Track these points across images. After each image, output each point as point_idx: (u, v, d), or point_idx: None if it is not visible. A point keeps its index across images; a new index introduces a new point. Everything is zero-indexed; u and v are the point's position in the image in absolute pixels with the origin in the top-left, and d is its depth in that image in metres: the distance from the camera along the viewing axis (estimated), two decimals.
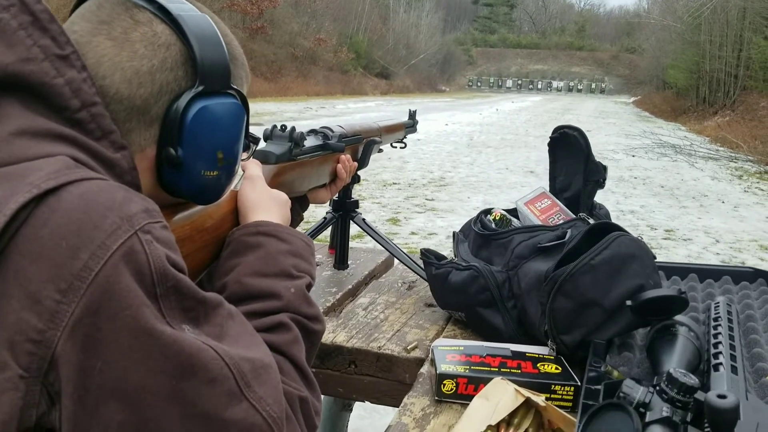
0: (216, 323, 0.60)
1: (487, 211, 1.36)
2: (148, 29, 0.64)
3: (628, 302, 0.98)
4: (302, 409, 0.65)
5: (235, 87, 0.71)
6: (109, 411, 0.52)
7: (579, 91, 55.65)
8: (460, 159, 10.31)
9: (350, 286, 1.45)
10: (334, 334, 1.21)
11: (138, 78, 0.63)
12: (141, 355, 0.52)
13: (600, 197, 1.35)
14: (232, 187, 0.78)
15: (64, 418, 0.52)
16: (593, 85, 56.36)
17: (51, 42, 0.58)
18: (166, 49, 0.65)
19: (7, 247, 0.50)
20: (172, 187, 0.69)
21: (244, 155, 0.79)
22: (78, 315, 0.50)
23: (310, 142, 1.07)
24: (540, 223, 1.27)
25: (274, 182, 0.94)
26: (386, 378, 1.15)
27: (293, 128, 1.00)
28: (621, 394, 0.76)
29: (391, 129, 1.46)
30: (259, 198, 0.81)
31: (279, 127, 1.00)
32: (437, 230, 5.65)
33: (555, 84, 57.68)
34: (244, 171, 0.86)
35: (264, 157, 0.95)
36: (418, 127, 1.62)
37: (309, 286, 0.76)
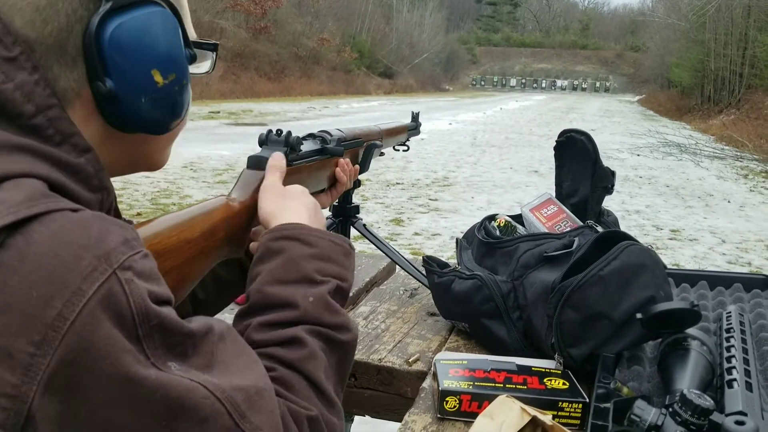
0: (205, 352, 0.55)
1: (492, 218, 1.32)
2: None
3: (639, 315, 0.95)
4: (312, 428, 0.61)
5: None
6: None
7: (583, 89, 55.55)
8: (463, 159, 10.27)
9: (351, 294, 1.41)
10: None
11: (40, 15, 0.56)
12: (127, 402, 0.48)
13: (605, 197, 1.31)
14: (186, 108, 0.69)
15: None
16: (597, 84, 56.27)
17: None
18: None
19: None
20: (119, 123, 0.62)
21: (197, 68, 0.71)
22: (54, 367, 0.46)
23: (307, 146, 1.04)
24: (546, 230, 1.24)
25: None
26: (387, 392, 1.12)
27: (289, 133, 0.97)
28: (632, 416, 0.72)
29: (392, 132, 1.42)
30: (276, 207, 0.78)
31: (274, 132, 0.97)
32: (441, 231, 5.61)
33: (559, 83, 57.60)
34: (263, 179, 0.83)
35: (258, 163, 0.92)
36: (421, 128, 1.58)
37: (338, 290, 0.71)
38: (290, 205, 0.79)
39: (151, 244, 0.66)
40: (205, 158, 8.81)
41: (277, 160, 0.86)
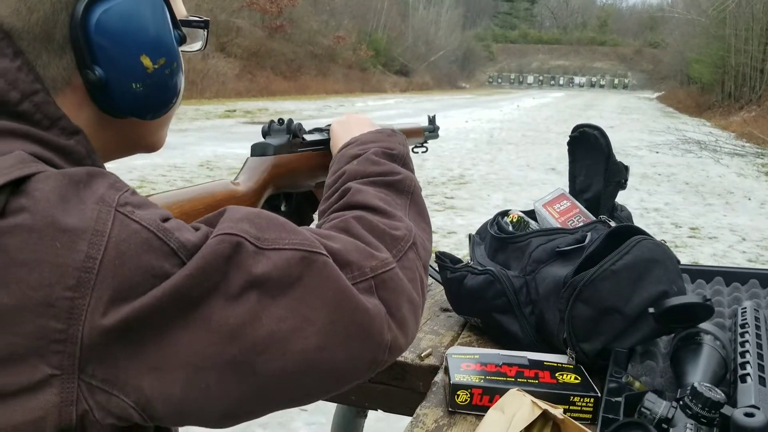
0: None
1: (504, 213, 1.32)
2: None
3: (651, 309, 0.94)
4: (360, 222, 0.64)
5: None
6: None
7: (601, 86, 55.12)
8: (480, 156, 10.25)
9: None
10: None
11: (25, 4, 0.56)
12: (180, 314, 0.51)
13: (624, 195, 1.31)
14: (180, 92, 0.68)
15: (150, 399, 0.50)
16: (616, 81, 55.79)
17: None
18: None
19: None
20: (111, 109, 0.62)
21: (189, 47, 0.71)
22: (94, 304, 0.48)
23: (314, 136, 1.06)
24: (559, 225, 1.23)
25: (273, 172, 0.92)
26: (399, 386, 1.12)
27: (290, 120, 0.98)
28: (643, 409, 0.72)
29: (407, 133, 1.42)
30: (338, 130, 0.90)
31: (276, 122, 0.99)
32: (457, 229, 5.60)
33: (577, 80, 57.20)
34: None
35: (262, 150, 0.94)
36: (437, 125, 1.58)
37: (379, 152, 0.77)
38: (347, 128, 0.89)
39: None
40: (221, 157, 8.87)
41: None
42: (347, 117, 0.94)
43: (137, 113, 0.64)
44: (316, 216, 1.07)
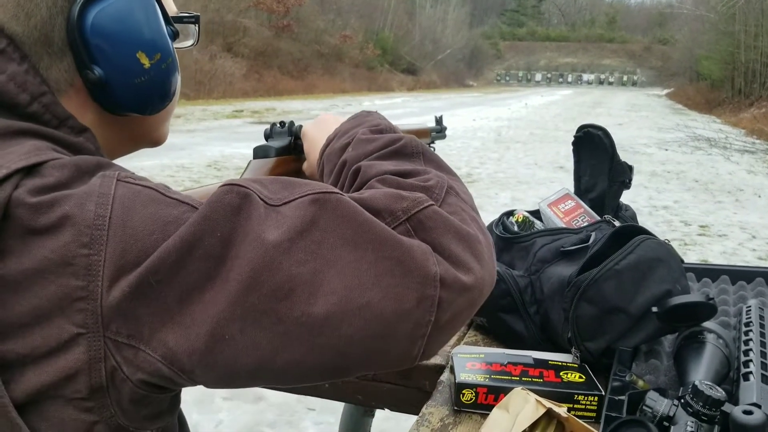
0: None
1: (510, 213, 1.33)
2: None
3: (655, 309, 0.95)
4: (384, 182, 0.61)
5: None
6: (234, 277, 0.51)
7: (610, 84, 54.89)
8: (487, 155, 10.23)
9: None
10: None
11: (22, 9, 0.58)
12: (184, 250, 0.51)
13: (632, 192, 1.32)
14: (176, 86, 0.70)
15: (176, 353, 0.50)
16: (625, 78, 55.54)
17: None
18: None
19: (6, 231, 0.50)
20: (115, 108, 0.64)
21: (182, 43, 0.73)
22: (110, 260, 0.50)
23: None
24: (563, 225, 1.24)
25: (275, 173, 0.94)
26: (405, 385, 1.14)
27: (291, 122, 1.00)
28: (644, 407, 0.73)
29: (414, 134, 1.43)
30: (310, 131, 0.88)
31: (278, 124, 1.00)
32: None
33: (585, 77, 56.97)
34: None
35: (264, 152, 0.95)
36: (444, 123, 1.58)
37: (369, 129, 0.74)
38: (322, 127, 0.86)
39: None
40: (228, 157, 8.90)
41: None
42: (315, 120, 0.91)
43: (137, 109, 0.65)
44: None
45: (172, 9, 0.71)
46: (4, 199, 0.50)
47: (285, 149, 0.97)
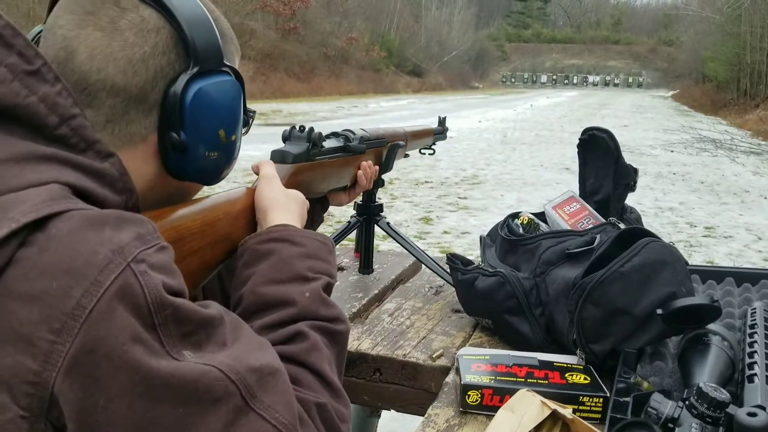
0: (219, 335, 0.58)
1: (515, 215, 1.34)
2: (135, 15, 0.63)
3: (659, 311, 0.96)
4: (321, 415, 0.63)
5: (228, 64, 0.70)
6: None
7: (615, 85, 54.72)
8: (493, 156, 10.23)
9: (376, 291, 1.44)
10: (358, 341, 1.21)
11: (132, 67, 0.63)
12: (143, 389, 0.51)
13: (638, 194, 1.32)
14: (233, 166, 0.75)
15: None
16: (630, 79, 55.38)
17: (18, 59, 0.55)
18: (156, 34, 0.64)
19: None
20: (177, 170, 0.68)
21: (244, 131, 0.78)
22: (73, 354, 0.49)
23: (330, 143, 1.07)
24: (569, 227, 1.25)
25: (291, 181, 0.94)
26: (411, 386, 1.14)
27: (311, 129, 1.00)
28: (649, 409, 0.73)
29: (418, 134, 1.44)
30: (276, 197, 0.80)
31: (297, 128, 1.00)
32: (470, 229, 5.60)
33: (591, 79, 56.82)
34: (257, 173, 0.85)
35: (282, 157, 0.95)
36: (450, 124, 1.60)
37: (328, 286, 0.74)
38: (283, 202, 0.81)
39: (174, 226, 0.70)
40: None
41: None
42: (272, 180, 0.84)
43: (199, 178, 0.71)
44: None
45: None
46: (6, 258, 0.50)
47: (302, 155, 0.97)
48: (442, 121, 1.57)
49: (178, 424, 0.53)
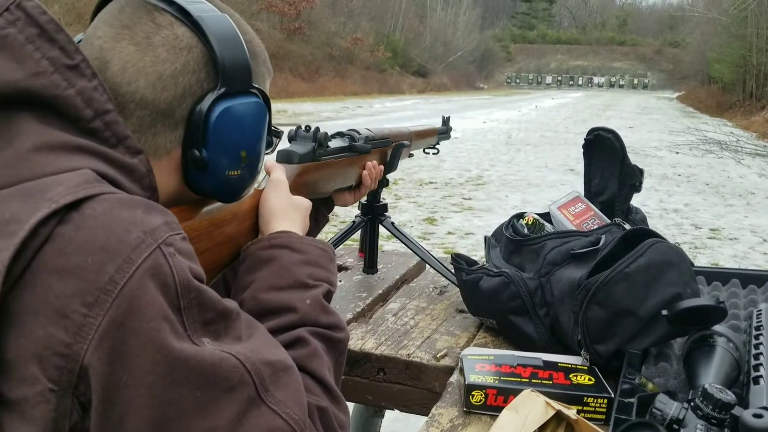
0: (237, 328, 0.60)
1: (520, 215, 1.33)
2: (169, 32, 0.65)
3: (664, 312, 0.95)
4: (321, 419, 0.65)
5: (256, 86, 0.71)
6: (135, 425, 0.53)
7: (621, 86, 54.60)
8: (498, 157, 10.22)
9: (380, 291, 1.44)
10: (362, 340, 1.21)
11: (161, 82, 0.64)
12: (165, 369, 0.53)
13: (643, 195, 1.32)
14: (255, 185, 0.78)
15: (91, 427, 0.53)
16: (635, 81, 55.23)
17: (60, 53, 0.57)
18: (188, 52, 0.65)
19: (32, 263, 0.51)
20: (197, 186, 0.70)
21: (267, 151, 0.79)
22: (104, 327, 0.51)
23: (335, 143, 1.08)
24: (574, 228, 1.25)
25: (297, 181, 0.94)
26: (415, 386, 1.14)
27: (317, 129, 1.00)
28: (654, 410, 0.73)
29: (422, 134, 1.44)
30: (281, 204, 0.81)
31: (303, 128, 1.01)
32: (474, 230, 5.60)
33: (596, 80, 56.71)
34: (269, 174, 0.85)
35: (287, 157, 0.96)
36: (454, 125, 1.60)
37: (328, 294, 0.75)
38: (286, 209, 0.81)
39: (182, 227, 0.70)
40: None
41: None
42: (280, 186, 0.84)
43: (217, 195, 0.72)
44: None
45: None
46: (44, 237, 0.51)
47: (308, 155, 0.97)
48: (446, 121, 1.57)
49: (194, 408, 0.54)
